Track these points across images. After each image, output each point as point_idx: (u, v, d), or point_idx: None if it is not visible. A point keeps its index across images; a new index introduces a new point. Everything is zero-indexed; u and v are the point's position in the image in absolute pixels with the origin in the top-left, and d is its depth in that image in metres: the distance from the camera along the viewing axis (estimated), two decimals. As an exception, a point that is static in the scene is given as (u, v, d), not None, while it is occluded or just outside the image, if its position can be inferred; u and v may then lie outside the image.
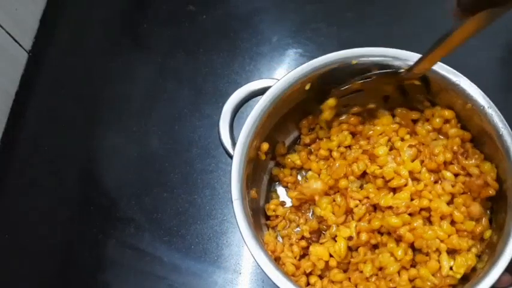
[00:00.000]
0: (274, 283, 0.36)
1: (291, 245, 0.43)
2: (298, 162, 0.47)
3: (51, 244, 0.53)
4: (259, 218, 0.45)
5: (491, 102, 0.39)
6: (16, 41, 0.58)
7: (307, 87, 0.42)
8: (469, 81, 0.40)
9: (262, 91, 0.41)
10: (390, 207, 0.40)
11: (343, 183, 0.43)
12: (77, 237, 0.53)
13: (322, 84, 0.43)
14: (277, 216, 0.46)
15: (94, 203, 0.53)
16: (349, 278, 0.41)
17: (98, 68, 0.59)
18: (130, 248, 0.51)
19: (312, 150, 0.47)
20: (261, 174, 0.46)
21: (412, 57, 0.40)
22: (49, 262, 0.52)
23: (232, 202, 0.38)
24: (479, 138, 0.42)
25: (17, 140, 0.57)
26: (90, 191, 0.54)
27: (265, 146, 0.43)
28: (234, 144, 0.41)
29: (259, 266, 0.36)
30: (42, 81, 0.59)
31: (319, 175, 0.45)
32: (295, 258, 0.42)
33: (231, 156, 0.40)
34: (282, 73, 0.46)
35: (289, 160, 0.47)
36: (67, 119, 0.57)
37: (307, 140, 0.47)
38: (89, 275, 0.51)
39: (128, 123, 0.56)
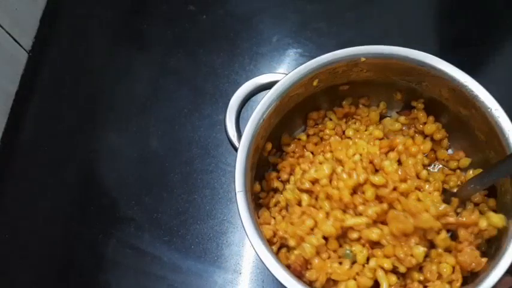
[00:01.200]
0: (279, 282, 0.35)
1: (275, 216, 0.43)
2: (304, 138, 0.47)
3: (51, 244, 0.53)
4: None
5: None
6: (16, 41, 0.57)
7: (315, 83, 0.42)
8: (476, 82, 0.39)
9: (269, 85, 0.41)
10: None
11: None
12: (77, 237, 0.53)
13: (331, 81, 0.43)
14: (268, 193, 0.45)
15: (94, 203, 0.53)
16: None
17: (98, 68, 0.59)
18: (131, 248, 0.51)
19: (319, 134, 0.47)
20: (265, 167, 0.46)
21: (426, 57, 0.39)
22: (49, 262, 0.52)
23: (235, 194, 0.38)
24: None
25: (17, 140, 0.57)
26: (90, 191, 0.54)
27: (268, 146, 0.43)
28: (239, 137, 0.41)
29: (262, 262, 0.36)
30: (42, 81, 0.59)
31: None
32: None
33: (236, 149, 0.40)
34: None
35: (293, 145, 0.47)
36: (67, 118, 0.57)
37: (311, 131, 0.47)
38: (89, 275, 0.51)
39: (128, 123, 0.56)
